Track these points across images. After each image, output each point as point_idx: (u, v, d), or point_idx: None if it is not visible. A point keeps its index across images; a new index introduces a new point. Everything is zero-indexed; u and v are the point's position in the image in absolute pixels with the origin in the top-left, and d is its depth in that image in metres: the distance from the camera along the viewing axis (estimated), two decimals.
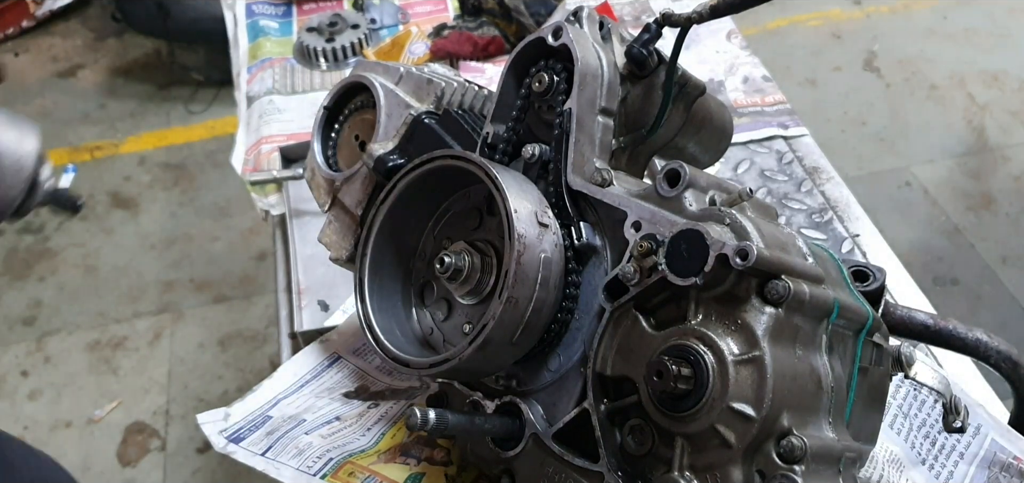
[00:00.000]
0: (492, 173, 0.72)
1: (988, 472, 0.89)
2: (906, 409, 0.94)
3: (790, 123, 1.51)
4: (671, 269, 0.65)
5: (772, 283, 0.64)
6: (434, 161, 0.75)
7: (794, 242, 0.70)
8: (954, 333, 0.82)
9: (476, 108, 0.96)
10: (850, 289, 0.75)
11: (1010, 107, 3.44)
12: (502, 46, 1.61)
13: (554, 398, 0.75)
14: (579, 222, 0.75)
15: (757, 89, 1.60)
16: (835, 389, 0.68)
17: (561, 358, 0.75)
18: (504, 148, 0.79)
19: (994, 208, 3.03)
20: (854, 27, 3.91)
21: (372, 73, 1.01)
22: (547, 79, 0.77)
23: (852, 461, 0.69)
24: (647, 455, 0.68)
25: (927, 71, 3.62)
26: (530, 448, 0.75)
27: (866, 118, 3.41)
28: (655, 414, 0.66)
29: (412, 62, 1.62)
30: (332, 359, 1.02)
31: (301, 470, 0.84)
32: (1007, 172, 3.17)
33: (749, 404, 0.62)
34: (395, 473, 0.85)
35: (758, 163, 1.43)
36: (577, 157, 0.75)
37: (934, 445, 0.92)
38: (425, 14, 1.82)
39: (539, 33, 0.79)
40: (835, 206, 1.34)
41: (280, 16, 1.89)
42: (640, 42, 0.79)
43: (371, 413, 0.94)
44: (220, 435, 0.88)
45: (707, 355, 0.63)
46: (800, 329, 0.66)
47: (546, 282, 0.71)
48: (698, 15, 0.75)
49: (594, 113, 0.77)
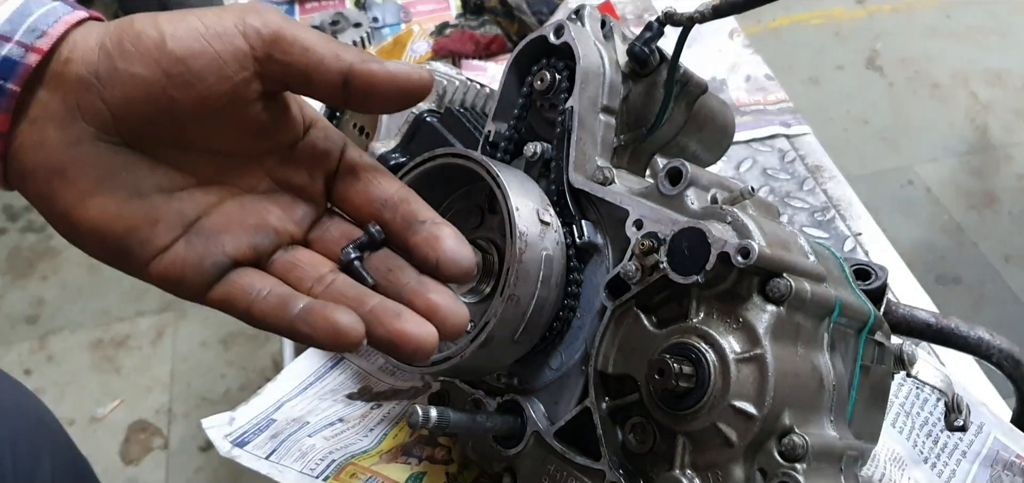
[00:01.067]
0: (493, 171, 0.72)
1: (991, 470, 0.89)
2: (908, 407, 0.94)
3: (792, 121, 1.50)
4: (673, 267, 0.65)
5: (774, 281, 0.64)
6: (436, 159, 0.75)
7: (796, 240, 0.70)
8: (956, 332, 0.82)
9: (478, 106, 0.96)
10: (852, 288, 0.75)
11: (1013, 106, 3.43)
12: (504, 45, 1.61)
13: (556, 396, 0.75)
14: (581, 220, 0.75)
15: (759, 88, 1.59)
16: (837, 387, 0.68)
17: (563, 356, 0.75)
18: (506, 146, 0.79)
19: (997, 207, 3.02)
20: (856, 26, 3.90)
21: None
22: (549, 77, 0.77)
23: (854, 460, 0.69)
24: (649, 453, 0.68)
25: (930, 70, 3.62)
26: (532, 446, 0.75)
27: (868, 117, 3.41)
28: (657, 412, 0.66)
29: (414, 60, 1.62)
30: (335, 360, 1.02)
31: (304, 473, 0.84)
32: (1010, 171, 3.17)
33: (750, 402, 0.62)
34: (396, 473, 0.85)
35: (760, 161, 1.43)
36: (579, 155, 0.75)
37: (936, 444, 0.92)
38: (427, 13, 1.82)
39: (541, 31, 0.79)
40: (837, 204, 1.34)
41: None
42: (642, 40, 0.79)
43: (374, 414, 0.94)
44: (225, 439, 0.88)
45: (709, 353, 0.63)
46: (802, 327, 0.66)
47: (548, 280, 0.71)
48: (700, 15, 0.75)
49: (596, 111, 0.77)
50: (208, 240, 0.58)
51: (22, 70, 0.52)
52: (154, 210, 0.56)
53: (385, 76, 0.57)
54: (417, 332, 0.56)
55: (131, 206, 0.56)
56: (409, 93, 0.58)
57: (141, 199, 0.56)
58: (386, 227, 0.61)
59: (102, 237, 0.56)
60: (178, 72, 0.53)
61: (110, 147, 0.55)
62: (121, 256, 0.57)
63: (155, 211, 0.56)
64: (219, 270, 0.58)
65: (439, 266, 0.59)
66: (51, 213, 0.56)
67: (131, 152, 0.56)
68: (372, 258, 0.61)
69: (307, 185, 0.62)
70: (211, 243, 0.58)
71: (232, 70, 0.54)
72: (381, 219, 0.62)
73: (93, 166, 0.54)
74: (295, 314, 0.56)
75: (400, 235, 0.61)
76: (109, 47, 0.53)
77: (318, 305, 0.56)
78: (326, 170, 0.63)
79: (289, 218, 0.61)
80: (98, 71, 0.53)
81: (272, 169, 0.61)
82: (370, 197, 0.62)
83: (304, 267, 0.60)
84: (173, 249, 0.57)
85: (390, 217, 0.62)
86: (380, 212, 0.62)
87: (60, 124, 0.54)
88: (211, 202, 0.59)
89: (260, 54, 0.55)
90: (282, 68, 0.55)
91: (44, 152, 0.54)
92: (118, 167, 0.55)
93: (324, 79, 0.56)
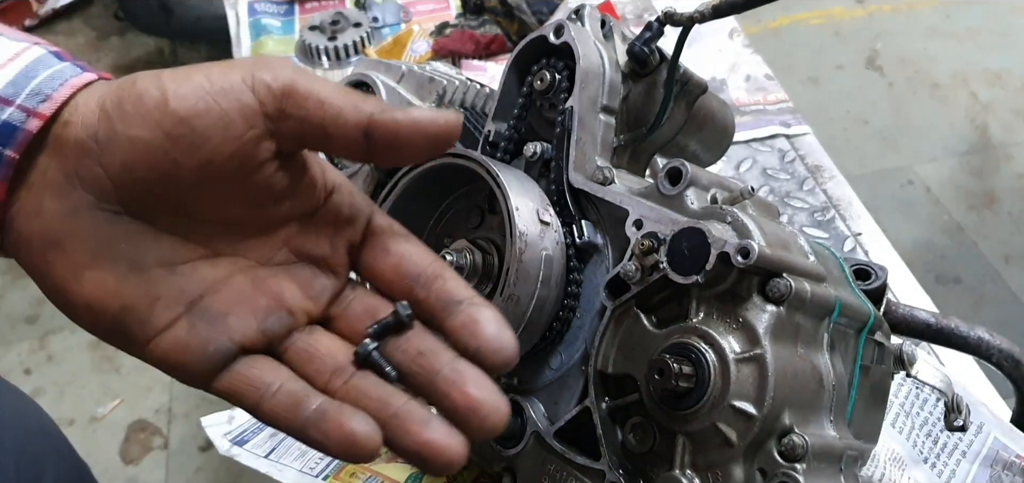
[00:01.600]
0: (493, 171, 0.72)
1: (990, 470, 0.89)
2: (908, 407, 0.94)
3: (792, 121, 1.50)
4: (672, 267, 0.65)
5: (774, 281, 0.64)
6: (435, 159, 0.75)
7: (796, 240, 0.70)
8: (956, 332, 0.82)
9: (478, 106, 0.96)
10: (852, 287, 0.75)
11: (1013, 106, 3.43)
12: (504, 44, 1.61)
13: (556, 396, 0.75)
14: (581, 220, 0.75)
15: (759, 87, 1.59)
16: (837, 387, 0.68)
17: (562, 356, 0.75)
18: (506, 146, 0.79)
19: (997, 207, 3.02)
20: (856, 26, 3.90)
21: (374, 71, 1.01)
22: (549, 77, 0.77)
23: (854, 459, 0.69)
24: (648, 453, 0.68)
25: (930, 70, 3.61)
26: (531, 446, 0.75)
27: (868, 116, 3.40)
28: (656, 412, 0.66)
29: (414, 60, 1.62)
30: None
31: (304, 472, 0.84)
32: (1010, 171, 3.17)
33: (750, 402, 0.62)
34: (396, 473, 0.85)
35: (760, 161, 1.43)
36: (578, 155, 0.75)
37: (936, 443, 0.92)
38: (427, 12, 1.82)
39: (541, 31, 0.79)
40: (837, 204, 1.34)
41: (282, 15, 1.89)
42: (642, 40, 0.79)
43: None
44: (224, 437, 0.88)
45: (708, 353, 0.63)
46: (801, 327, 0.66)
47: (548, 280, 0.71)
48: (700, 14, 0.75)
49: (596, 111, 0.77)
50: (213, 323, 0.52)
51: (22, 136, 0.49)
52: (153, 286, 0.52)
53: (409, 124, 0.52)
54: (447, 445, 0.49)
55: (129, 281, 0.51)
56: (437, 140, 0.53)
57: (141, 273, 0.52)
58: (418, 306, 0.55)
59: (98, 314, 0.51)
60: (181, 133, 0.49)
61: (110, 217, 0.51)
62: (119, 335, 0.52)
63: (154, 287, 0.52)
64: (224, 357, 0.53)
65: (480, 354, 0.52)
66: (46, 286, 0.52)
67: (133, 222, 0.51)
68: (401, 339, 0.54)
69: (328, 256, 0.57)
70: (216, 326, 0.52)
71: (240, 129, 0.50)
72: (412, 297, 0.55)
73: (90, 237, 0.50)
74: (306, 417, 0.51)
75: (434, 316, 0.55)
76: (109, 108, 0.50)
77: (333, 409, 0.51)
78: (350, 240, 0.57)
79: (306, 295, 0.56)
80: (98, 135, 0.49)
81: (290, 239, 0.56)
82: (401, 272, 0.56)
83: (322, 357, 0.54)
84: (173, 330, 0.52)
85: (423, 295, 0.55)
86: (411, 289, 0.55)
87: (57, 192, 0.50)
88: (219, 277, 0.54)
89: (271, 110, 0.50)
90: (297, 124, 0.51)
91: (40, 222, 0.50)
92: (117, 238, 0.51)
93: (343, 133, 0.52)
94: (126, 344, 0.53)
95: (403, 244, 0.58)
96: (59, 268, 0.51)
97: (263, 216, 0.55)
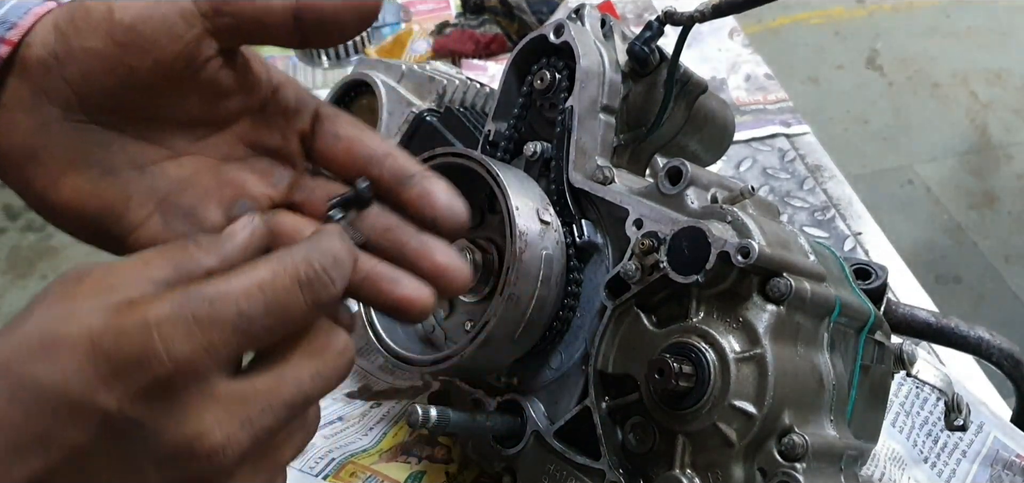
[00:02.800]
0: (493, 170, 0.72)
1: (991, 470, 0.89)
2: (908, 407, 0.94)
3: (792, 121, 1.50)
4: (672, 267, 0.65)
5: (774, 281, 0.64)
6: (435, 158, 0.75)
7: (796, 240, 0.70)
8: (956, 331, 0.82)
9: (478, 106, 0.96)
10: (852, 287, 0.75)
11: (1013, 105, 3.43)
12: (504, 44, 1.61)
13: (556, 396, 0.75)
14: (581, 220, 0.75)
15: (759, 87, 1.59)
16: (837, 387, 0.68)
17: (562, 356, 0.75)
18: (506, 146, 0.79)
19: (997, 206, 3.02)
20: (856, 25, 3.90)
21: (374, 71, 1.01)
22: (549, 77, 0.77)
23: (854, 459, 0.69)
24: (648, 453, 0.68)
25: (929, 69, 3.62)
26: (531, 446, 0.75)
27: (868, 116, 3.41)
28: (656, 412, 0.66)
29: (414, 60, 1.62)
30: None
31: (303, 471, 0.84)
32: (1010, 170, 3.17)
33: (750, 402, 0.62)
34: (396, 472, 0.85)
35: (760, 161, 1.43)
36: (578, 155, 0.75)
37: (936, 443, 0.92)
38: (427, 12, 1.82)
39: (541, 31, 0.79)
40: (837, 204, 1.34)
41: None
42: (642, 40, 0.79)
43: (373, 413, 0.94)
44: None
45: (708, 353, 0.63)
46: (802, 327, 0.66)
47: (547, 280, 0.71)
48: (700, 14, 0.75)
49: (596, 111, 0.77)
50: (184, 216, 0.58)
51: None
52: (126, 186, 0.57)
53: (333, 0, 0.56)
54: (417, 296, 0.56)
55: (103, 184, 0.56)
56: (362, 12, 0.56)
57: (113, 176, 0.56)
58: (374, 184, 0.59)
59: (78, 217, 0.56)
60: (130, 40, 0.53)
61: (78, 126, 0.55)
62: (101, 234, 0.57)
63: (127, 187, 0.57)
64: None
65: (437, 222, 0.58)
66: (29, 197, 0.57)
67: (100, 129, 0.56)
68: (367, 216, 0.59)
69: (282, 146, 0.61)
70: (186, 218, 0.58)
71: (182, 29, 0.54)
72: (367, 176, 0.59)
73: (63, 147, 0.55)
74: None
75: (390, 191, 0.59)
76: (62, 26, 0.54)
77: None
78: (300, 129, 0.61)
79: (267, 183, 0.60)
80: (56, 51, 0.54)
81: (244, 134, 0.60)
82: (353, 154, 0.60)
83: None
84: (148, 225, 0.57)
85: (377, 173, 0.59)
86: (366, 168, 0.60)
87: (28, 109, 0.54)
88: (184, 175, 0.58)
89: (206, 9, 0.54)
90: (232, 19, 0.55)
91: (16, 137, 0.55)
92: (88, 146, 0.56)
93: (274, 20, 0.55)
94: (109, 242, 0.58)
95: (351, 129, 0.61)
96: (38, 179, 0.56)
97: (216, 112, 0.59)
